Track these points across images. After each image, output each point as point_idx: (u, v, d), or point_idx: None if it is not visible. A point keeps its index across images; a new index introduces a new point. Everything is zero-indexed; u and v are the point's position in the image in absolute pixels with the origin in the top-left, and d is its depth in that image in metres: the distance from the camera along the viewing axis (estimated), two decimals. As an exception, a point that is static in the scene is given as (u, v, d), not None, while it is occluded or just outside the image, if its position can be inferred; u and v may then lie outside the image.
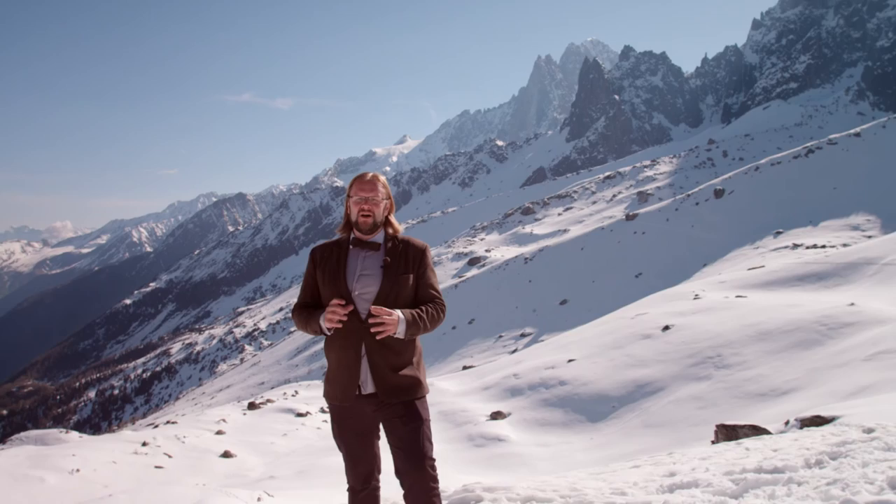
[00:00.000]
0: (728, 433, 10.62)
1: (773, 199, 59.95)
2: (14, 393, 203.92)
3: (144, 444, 25.40)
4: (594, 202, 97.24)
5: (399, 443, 4.17)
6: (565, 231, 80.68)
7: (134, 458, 23.65)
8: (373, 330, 3.97)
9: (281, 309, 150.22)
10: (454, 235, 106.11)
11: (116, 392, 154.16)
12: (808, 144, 72.70)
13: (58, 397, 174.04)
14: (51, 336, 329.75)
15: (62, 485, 19.90)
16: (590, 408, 17.76)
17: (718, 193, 64.48)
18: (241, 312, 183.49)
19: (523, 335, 48.29)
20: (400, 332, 4.00)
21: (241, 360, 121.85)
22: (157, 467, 22.63)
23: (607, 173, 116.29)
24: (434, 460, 4.18)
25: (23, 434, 43.55)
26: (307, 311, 4.28)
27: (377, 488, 4.50)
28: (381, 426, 4.37)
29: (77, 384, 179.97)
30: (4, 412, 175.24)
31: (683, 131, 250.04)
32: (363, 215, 4.24)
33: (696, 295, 25.26)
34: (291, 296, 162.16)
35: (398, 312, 4.00)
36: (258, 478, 19.72)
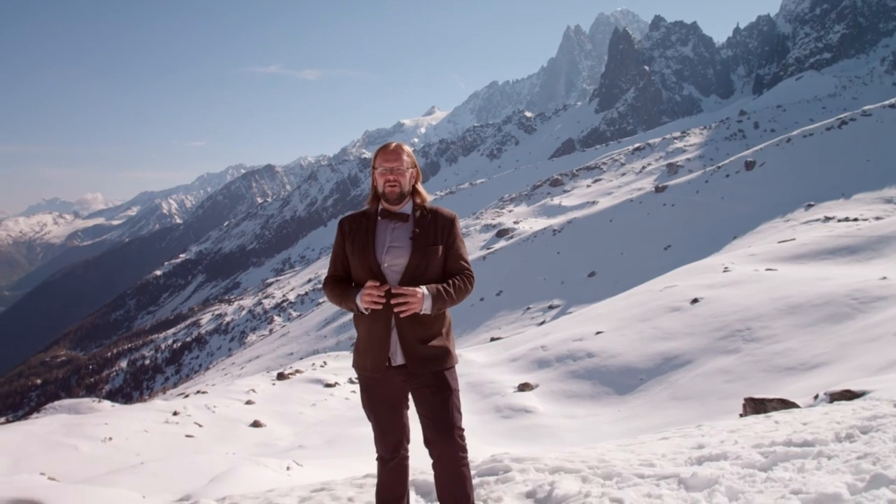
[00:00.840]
0: (756, 407, 10.58)
1: (805, 171, 59.29)
2: (47, 363, 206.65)
3: (175, 413, 25.71)
4: (623, 174, 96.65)
5: (428, 413, 4.19)
6: (594, 203, 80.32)
7: (165, 427, 23.94)
8: (396, 310, 3.98)
9: (309, 280, 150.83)
10: (482, 207, 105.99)
11: (147, 362, 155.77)
12: (842, 116, 71.82)
13: (90, 367, 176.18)
14: (83, 307, 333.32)
15: (95, 452, 20.19)
16: (617, 380, 17.75)
17: (749, 165, 63.89)
18: (270, 283, 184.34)
19: (551, 307, 48.25)
20: (426, 308, 3.99)
21: (270, 330, 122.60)
22: (187, 436, 22.90)
23: (637, 145, 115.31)
24: (463, 430, 4.20)
25: (56, 403, 44.28)
26: (340, 288, 4.28)
27: (406, 458, 4.54)
28: (410, 396, 4.38)
29: (109, 354, 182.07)
30: (38, 381, 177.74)
31: (714, 102, 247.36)
32: (389, 185, 4.21)
33: (726, 268, 25.11)
34: (320, 267, 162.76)
35: (423, 289, 4.00)
36: (287, 447, 19.90)
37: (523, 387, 19.50)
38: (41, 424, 24.77)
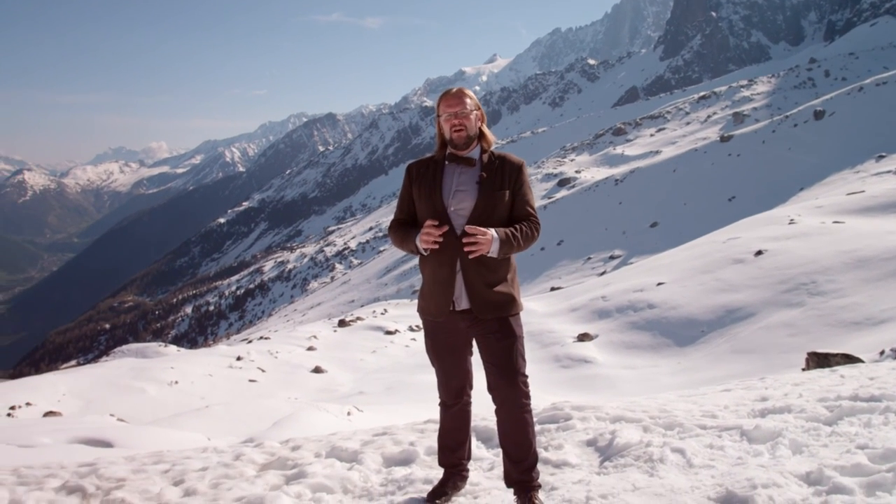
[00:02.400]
0: (819, 361, 10.45)
1: (877, 121, 57.61)
2: (115, 308, 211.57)
3: (239, 358, 26.21)
4: (688, 123, 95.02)
5: (492, 358, 4.17)
6: (657, 152, 79.22)
7: (229, 371, 24.44)
8: (466, 249, 3.95)
9: (370, 228, 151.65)
10: (544, 156, 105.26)
11: (212, 308, 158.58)
12: (918, 63, 69.52)
13: (156, 312, 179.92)
14: (149, 253, 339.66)
15: (162, 396, 20.73)
16: (678, 332, 17.65)
17: (818, 115, 62.30)
18: (332, 231, 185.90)
19: (612, 257, 48.02)
20: (493, 250, 3.96)
21: (332, 278, 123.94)
22: (250, 381, 23.36)
23: (702, 93, 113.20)
24: (526, 377, 4.20)
25: (124, 347, 45.38)
26: (403, 230, 4.29)
27: (468, 403, 4.57)
28: (473, 342, 4.39)
29: (174, 300, 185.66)
30: (107, 326, 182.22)
31: (783, 49, 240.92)
32: (456, 130, 4.18)
33: (791, 220, 24.67)
34: (381, 215, 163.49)
35: (492, 231, 3.96)
36: (348, 393, 20.19)
37: (583, 337, 19.50)
38: (110, 368, 25.45)
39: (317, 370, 24.73)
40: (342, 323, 33.48)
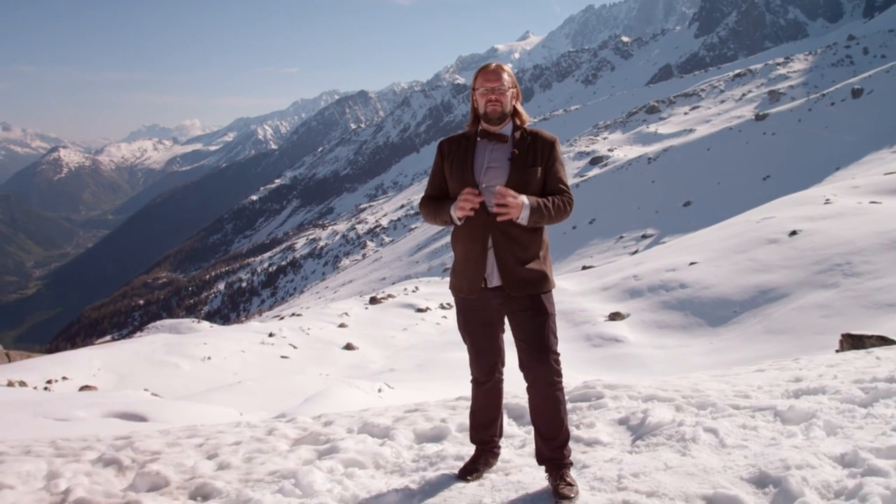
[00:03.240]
0: (854, 343, 10.36)
1: (917, 100, 56.78)
2: (149, 284, 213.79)
3: (271, 335, 26.44)
4: (722, 101, 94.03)
5: (524, 336, 4.14)
6: (691, 131, 78.52)
7: (261, 347, 24.66)
8: (494, 210, 3.94)
9: (402, 206, 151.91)
10: (576, 134, 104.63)
11: (244, 285, 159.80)
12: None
13: (190, 289, 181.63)
14: (182, 230, 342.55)
15: (195, 371, 20.96)
16: (710, 312, 17.56)
17: (856, 93, 61.46)
18: (363, 209, 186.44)
19: (644, 236, 47.82)
20: (523, 217, 3.93)
21: (363, 255, 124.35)
22: (282, 357, 23.57)
23: (737, 71, 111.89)
24: (558, 354, 4.18)
25: (158, 323, 45.90)
26: (436, 202, 4.28)
27: (500, 381, 4.54)
28: (505, 319, 4.36)
29: (207, 276, 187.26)
30: (141, 302, 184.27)
31: (821, 27, 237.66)
32: (491, 105, 4.15)
33: (827, 199, 24.40)
34: (413, 193, 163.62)
35: (523, 197, 3.92)
36: (379, 370, 20.31)
37: (614, 316, 19.46)
38: (144, 343, 25.76)
39: (348, 347, 24.89)
40: (373, 300, 33.63)
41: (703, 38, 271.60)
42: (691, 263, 21.29)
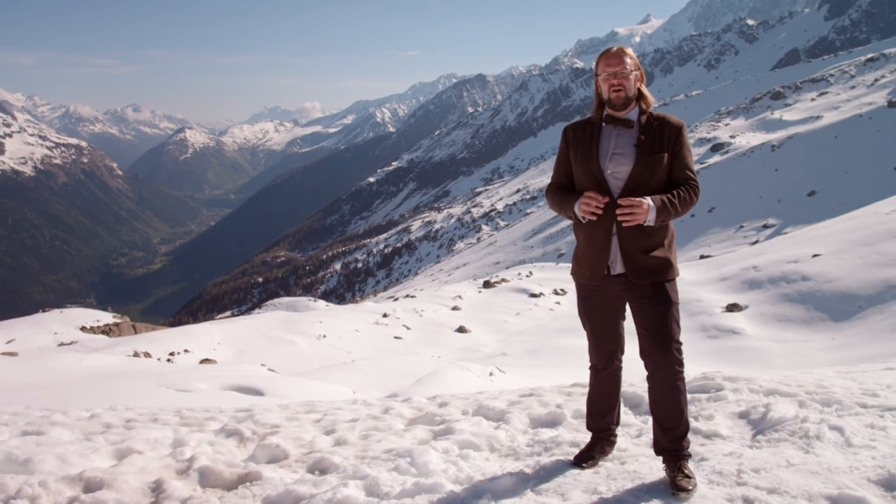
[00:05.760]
0: None
1: None
2: (268, 262, 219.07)
3: (385, 315, 26.84)
4: (852, 87, 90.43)
5: (646, 324, 4.09)
6: (818, 118, 75.85)
7: (375, 328, 25.07)
8: (620, 219, 3.90)
9: (518, 190, 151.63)
10: (697, 120, 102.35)
11: (360, 265, 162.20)
12: None
13: (307, 268, 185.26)
14: (300, 210, 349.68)
15: (310, 349, 21.47)
16: (833, 306, 16.97)
17: None
18: (479, 193, 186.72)
19: (765, 226, 46.64)
20: (650, 220, 3.87)
21: (478, 239, 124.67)
22: (395, 338, 23.91)
23: (870, 55, 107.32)
24: (681, 343, 4.13)
25: (276, 300, 47.12)
26: (562, 195, 4.23)
27: (619, 368, 4.50)
28: (626, 307, 4.32)
29: (324, 256, 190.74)
30: (260, 280, 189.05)
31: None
32: (614, 90, 4.08)
33: (965, 190, 23.30)
34: (529, 178, 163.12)
35: (648, 200, 3.86)
36: (490, 353, 20.38)
37: (732, 307, 19.04)
38: (263, 320, 26.51)
39: (461, 330, 25.06)
40: (487, 284, 33.72)
41: (833, 21, 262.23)
42: (814, 255, 20.62)
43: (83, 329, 24.06)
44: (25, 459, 4.68)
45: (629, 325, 4.22)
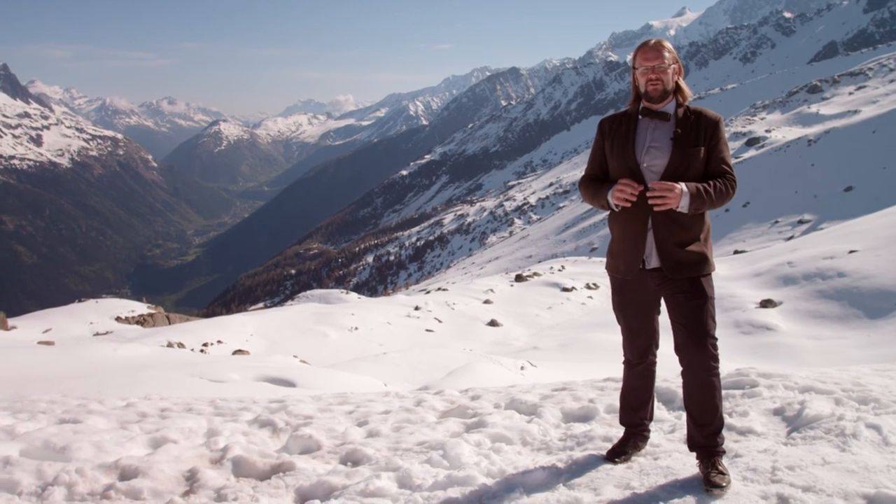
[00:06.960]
0: None
1: None
2: (301, 254, 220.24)
3: (417, 308, 26.89)
4: (892, 81, 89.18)
5: (681, 319, 4.05)
6: (856, 112, 74.92)
7: (406, 320, 25.12)
8: (651, 202, 3.89)
9: (550, 184, 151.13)
10: (732, 114, 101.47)
11: (392, 258, 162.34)
12: None
13: (339, 260, 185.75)
14: (333, 203, 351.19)
15: (342, 340, 21.57)
16: (869, 303, 16.75)
17: None
18: (512, 186, 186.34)
19: (801, 222, 46.22)
20: (683, 205, 3.86)
21: (510, 232, 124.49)
22: (427, 330, 23.95)
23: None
24: (716, 339, 4.08)
25: (309, 292, 47.33)
26: (595, 185, 4.22)
27: (653, 363, 4.48)
28: (661, 301, 4.29)
29: (356, 249, 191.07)
30: (293, 271, 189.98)
31: None
32: (652, 84, 4.06)
33: None
34: (562, 172, 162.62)
35: (681, 185, 3.85)
36: (522, 347, 20.35)
37: (765, 303, 18.86)
38: (295, 311, 26.67)
39: (492, 323, 25.04)
40: (519, 278, 33.65)
41: (872, 14, 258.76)
42: (851, 251, 20.37)
43: (118, 319, 24.30)
44: (63, 447, 4.74)
45: (664, 319, 4.19)
